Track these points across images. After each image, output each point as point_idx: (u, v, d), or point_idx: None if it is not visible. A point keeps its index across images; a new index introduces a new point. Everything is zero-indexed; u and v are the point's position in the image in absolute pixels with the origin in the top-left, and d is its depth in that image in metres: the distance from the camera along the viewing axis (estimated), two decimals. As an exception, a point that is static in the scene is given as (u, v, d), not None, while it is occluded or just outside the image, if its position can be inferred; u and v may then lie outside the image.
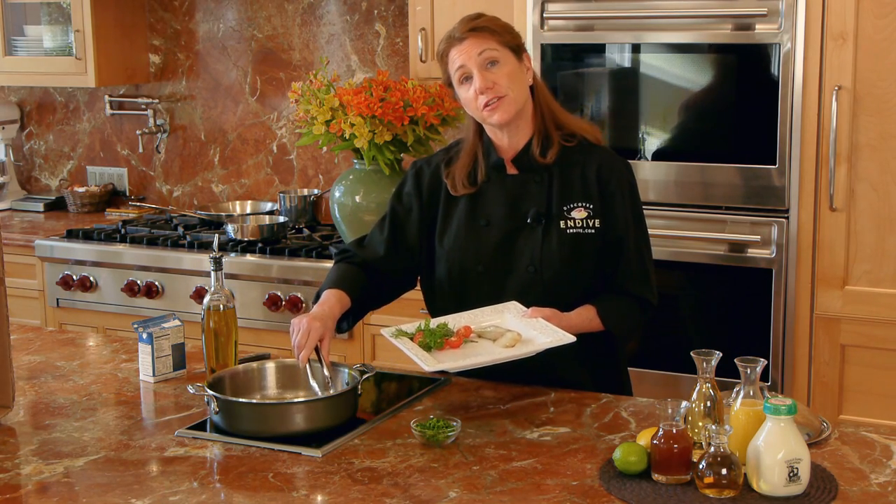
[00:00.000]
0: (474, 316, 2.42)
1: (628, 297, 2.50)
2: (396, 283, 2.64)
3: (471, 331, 2.38)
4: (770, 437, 1.87)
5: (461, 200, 2.55)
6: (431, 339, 2.33)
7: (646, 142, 3.43)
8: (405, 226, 2.60)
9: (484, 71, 2.42)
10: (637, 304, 2.50)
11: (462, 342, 2.34)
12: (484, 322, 2.40)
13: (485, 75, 2.42)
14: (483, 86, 2.42)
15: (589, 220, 2.47)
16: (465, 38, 2.44)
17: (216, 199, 4.74)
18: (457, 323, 2.40)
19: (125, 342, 2.89)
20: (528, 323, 2.35)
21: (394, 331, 2.40)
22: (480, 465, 2.04)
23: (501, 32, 2.46)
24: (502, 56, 2.44)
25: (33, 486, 1.99)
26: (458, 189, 2.54)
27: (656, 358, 3.42)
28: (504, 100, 2.43)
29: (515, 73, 2.45)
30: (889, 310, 3.19)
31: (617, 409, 2.33)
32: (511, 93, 2.43)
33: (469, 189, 2.53)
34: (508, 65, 2.44)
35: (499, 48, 2.43)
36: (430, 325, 2.37)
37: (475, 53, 2.42)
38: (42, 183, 5.19)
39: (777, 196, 3.26)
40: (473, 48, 2.43)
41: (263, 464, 2.06)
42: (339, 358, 3.73)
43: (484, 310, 2.44)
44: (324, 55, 4.41)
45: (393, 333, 2.39)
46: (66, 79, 4.68)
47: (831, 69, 3.16)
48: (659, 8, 3.37)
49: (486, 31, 2.44)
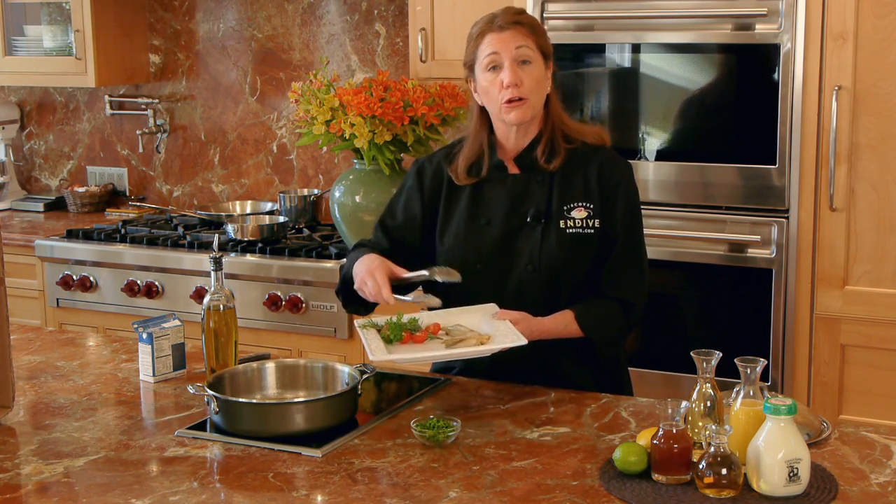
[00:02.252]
0: (447, 315, 2.43)
1: (611, 299, 2.49)
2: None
3: (439, 328, 2.39)
4: (770, 437, 1.87)
5: (462, 199, 2.55)
6: (394, 333, 2.36)
7: (646, 142, 3.43)
8: (408, 223, 2.60)
9: (516, 67, 2.43)
10: (620, 307, 2.49)
11: (427, 338, 2.36)
12: (454, 321, 2.40)
13: (515, 71, 2.43)
14: (511, 80, 2.42)
15: (589, 220, 2.47)
16: (506, 28, 2.44)
17: (216, 199, 4.74)
18: (428, 320, 2.41)
19: (125, 342, 2.89)
20: (493, 324, 2.35)
21: (365, 322, 2.41)
22: (480, 465, 2.04)
23: (541, 35, 2.49)
24: (535, 58, 2.45)
25: (33, 486, 1.99)
26: (461, 179, 2.54)
27: (656, 358, 3.42)
28: (525, 102, 2.44)
29: (541, 78, 2.47)
30: (889, 310, 3.19)
31: (617, 409, 2.33)
32: (533, 97, 2.45)
33: (471, 180, 2.54)
34: (537, 69, 2.46)
35: (534, 49, 2.46)
36: (402, 320, 2.38)
37: (513, 46, 2.43)
38: (42, 183, 5.19)
39: (777, 196, 3.26)
40: (513, 41, 2.43)
41: (263, 464, 2.06)
42: (339, 358, 3.74)
43: (460, 309, 2.45)
44: (324, 55, 4.41)
45: (362, 324, 2.41)
46: (66, 79, 4.68)
47: (831, 69, 3.16)
48: (659, 8, 3.37)
49: (528, 28, 2.46)
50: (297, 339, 3.85)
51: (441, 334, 2.38)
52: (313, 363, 2.43)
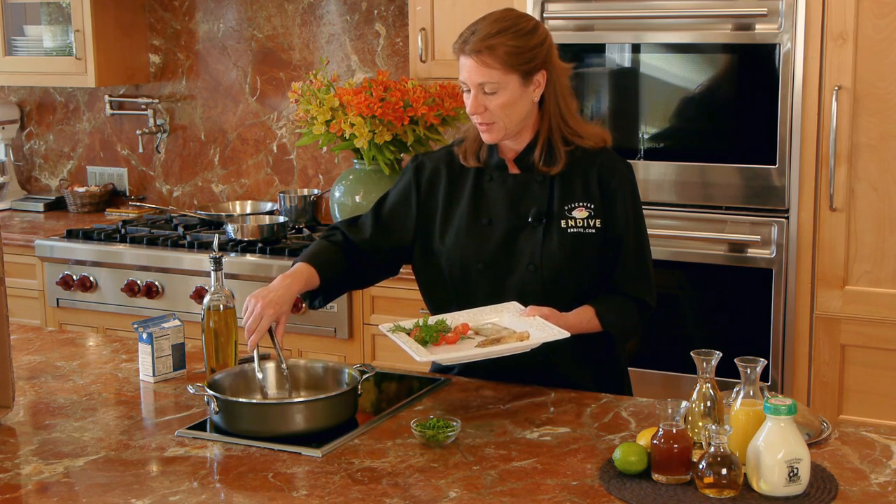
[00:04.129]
0: (473, 314, 2.43)
1: (626, 298, 2.50)
2: (379, 267, 2.64)
3: (468, 328, 2.38)
4: (770, 437, 1.87)
5: (463, 198, 2.55)
6: (427, 335, 2.35)
7: (646, 142, 3.43)
8: (400, 215, 2.60)
9: (479, 94, 2.40)
10: (635, 305, 2.50)
11: (459, 338, 2.36)
12: (482, 320, 2.41)
13: (478, 99, 2.41)
14: (472, 110, 2.42)
15: (590, 219, 2.47)
16: (470, 56, 2.39)
17: (216, 199, 4.74)
18: (455, 321, 2.41)
19: (125, 342, 2.89)
20: (525, 321, 2.35)
21: (392, 326, 2.41)
22: (480, 465, 2.04)
23: (512, 56, 2.37)
24: (502, 84, 2.39)
25: (33, 486, 1.99)
26: (470, 161, 2.55)
27: (656, 358, 3.42)
28: (493, 126, 2.43)
29: (513, 100, 2.41)
30: (889, 310, 3.19)
31: (617, 409, 2.33)
32: (501, 121, 2.43)
33: (476, 163, 2.54)
34: (507, 93, 2.40)
35: (501, 77, 2.38)
36: (429, 322, 2.38)
37: (476, 78, 2.40)
38: (42, 183, 5.19)
39: (777, 196, 3.26)
40: (474, 72, 2.39)
41: (263, 464, 2.06)
42: (340, 358, 3.74)
43: (483, 309, 2.44)
44: (324, 55, 4.41)
45: (390, 329, 2.40)
46: (66, 79, 4.68)
47: (831, 69, 3.16)
48: (659, 8, 3.37)
49: (493, 57, 2.37)
50: (297, 339, 3.85)
51: (470, 334, 2.38)
52: (313, 363, 2.43)
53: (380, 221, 2.61)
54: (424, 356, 2.25)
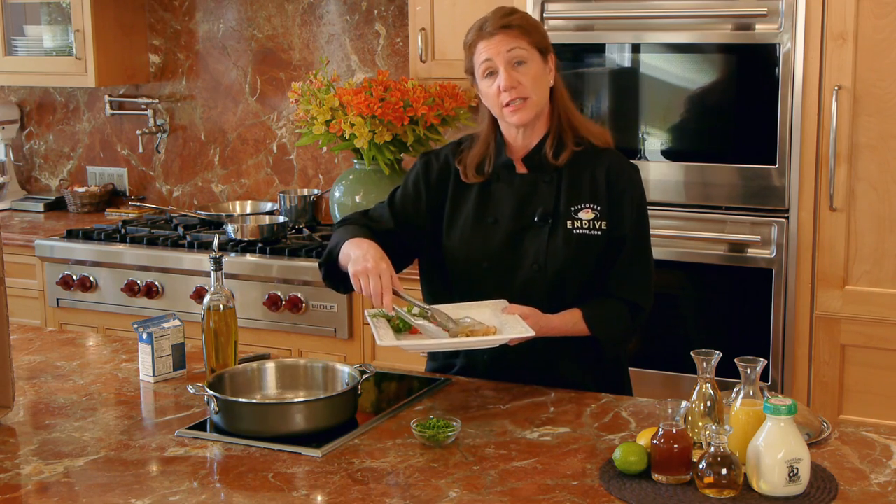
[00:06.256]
0: (456, 309, 2.43)
1: (619, 301, 2.49)
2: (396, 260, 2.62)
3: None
4: (770, 437, 1.87)
5: (470, 197, 2.54)
6: (403, 323, 2.38)
7: (646, 142, 3.43)
8: (412, 209, 2.58)
9: (511, 70, 2.42)
10: (627, 308, 2.49)
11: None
12: (463, 314, 2.41)
13: (511, 74, 2.42)
14: (508, 84, 2.41)
15: (596, 221, 2.47)
16: (495, 34, 2.43)
17: (216, 199, 4.74)
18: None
19: (125, 342, 2.89)
20: (502, 318, 2.35)
21: (375, 311, 2.42)
22: (480, 465, 2.04)
23: (532, 32, 2.45)
24: (530, 56, 2.43)
25: (33, 486, 1.99)
26: (469, 177, 2.54)
27: (656, 358, 3.42)
28: (527, 102, 2.43)
29: (540, 75, 2.45)
30: (889, 310, 3.19)
31: (617, 409, 2.33)
32: (534, 95, 2.43)
33: (478, 178, 2.53)
34: (534, 66, 2.44)
35: (528, 48, 2.43)
36: (413, 311, 2.40)
37: (504, 50, 2.42)
38: (42, 183, 5.19)
39: (777, 196, 3.26)
40: (503, 45, 2.42)
41: (263, 464, 2.06)
42: (339, 358, 3.74)
43: (469, 304, 2.45)
44: (324, 55, 4.41)
45: (373, 313, 2.42)
46: (66, 79, 4.68)
47: (831, 69, 3.16)
48: (659, 8, 3.37)
49: (518, 29, 2.43)
50: (297, 339, 3.85)
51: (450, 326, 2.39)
52: (313, 363, 2.43)
53: (397, 215, 2.59)
54: (388, 341, 2.27)
